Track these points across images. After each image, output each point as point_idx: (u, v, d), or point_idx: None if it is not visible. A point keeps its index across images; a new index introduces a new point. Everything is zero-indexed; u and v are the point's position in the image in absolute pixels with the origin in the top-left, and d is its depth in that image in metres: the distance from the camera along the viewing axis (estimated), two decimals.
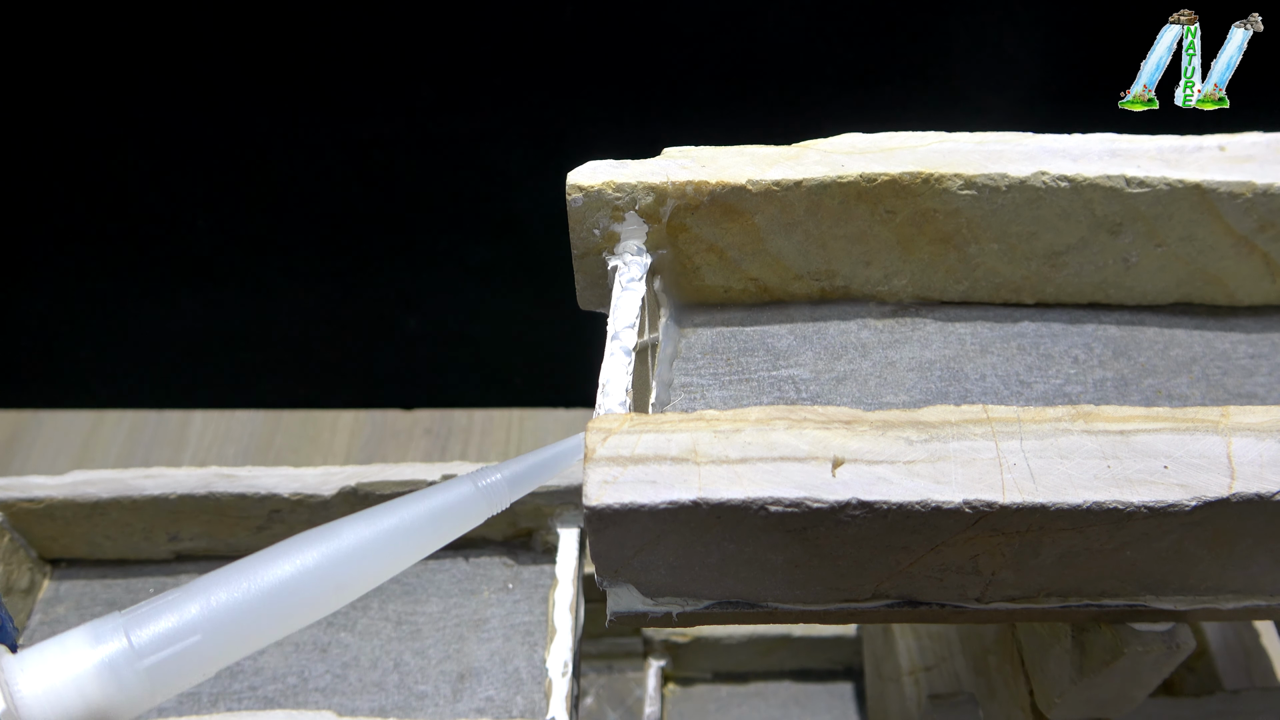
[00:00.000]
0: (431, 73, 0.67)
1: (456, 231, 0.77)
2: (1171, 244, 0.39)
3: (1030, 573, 0.32)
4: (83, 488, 0.48)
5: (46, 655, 0.27)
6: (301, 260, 0.78)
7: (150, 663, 0.27)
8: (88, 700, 0.27)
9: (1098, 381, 0.39)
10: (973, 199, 0.38)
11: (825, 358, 0.40)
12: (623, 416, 0.31)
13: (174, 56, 0.66)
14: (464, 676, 0.47)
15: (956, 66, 0.66)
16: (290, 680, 0.47)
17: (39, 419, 0.87)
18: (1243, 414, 0.31)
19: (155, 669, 0.27)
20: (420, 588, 0.50)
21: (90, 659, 0.27)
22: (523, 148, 0.71)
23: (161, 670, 0.27)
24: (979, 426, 0.31)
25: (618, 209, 0.38)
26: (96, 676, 0.27)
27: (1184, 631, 0.36)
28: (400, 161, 0.72)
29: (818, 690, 0.66)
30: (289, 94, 0.68)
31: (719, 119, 0.69)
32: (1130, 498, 0.29)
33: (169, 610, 0.28)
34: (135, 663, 0.27)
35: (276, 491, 0.48)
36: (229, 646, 0.28)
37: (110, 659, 0.27)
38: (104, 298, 0.81)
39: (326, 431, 0.86)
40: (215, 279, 0.80)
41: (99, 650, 0.27)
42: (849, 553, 0.31)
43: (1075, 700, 0.39)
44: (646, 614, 0.34)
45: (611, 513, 0.29)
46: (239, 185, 0.74)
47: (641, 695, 0.65)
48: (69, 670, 0.27)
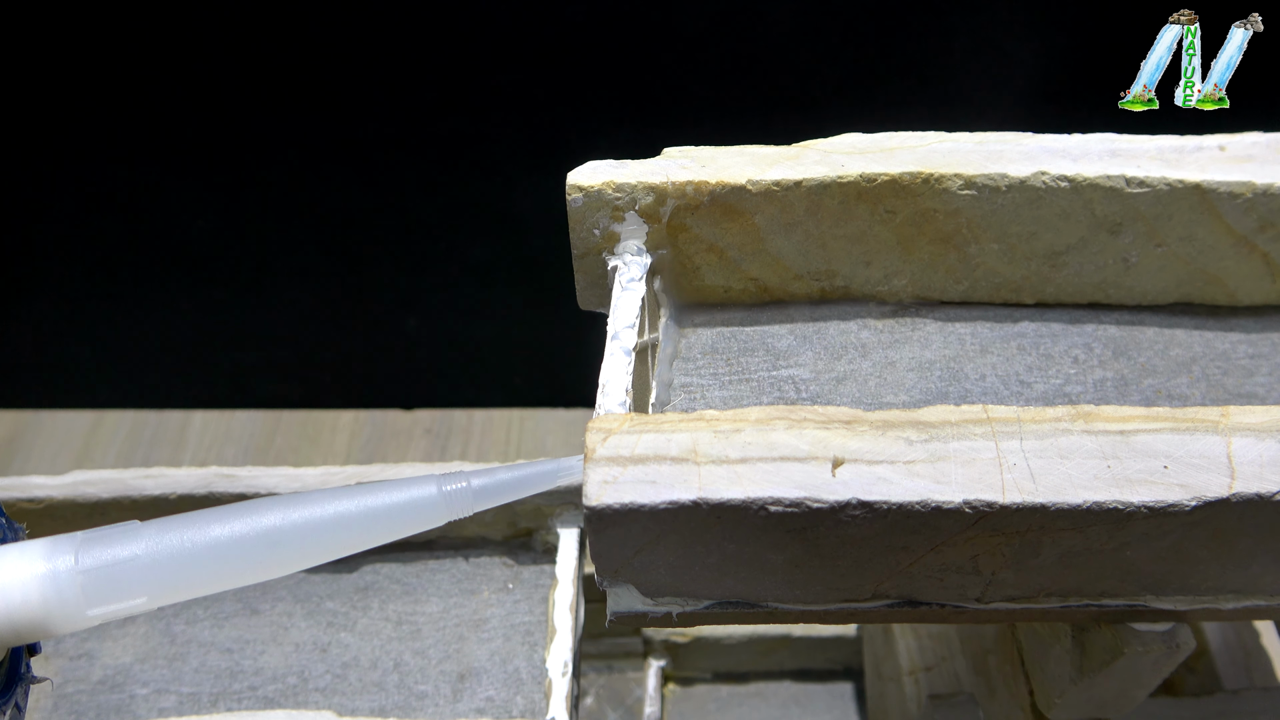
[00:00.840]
0: (431, 73, 0.67)
1: (456, 231, 0.77)
2: (1171, 244, 0.39)
3: (1030, 573, 0.32)
4: (83, 488, 0.48)
5: (5, 556, 0.30)
6: (301, 260, 0.78)
7: (90, 579, 0.30)
8: (28, 602, 0.29)
9: (1098, 381, 0.39)
10: (973, 199, 0.38)
11: (825, 358, 0.40)
12: (623, 416, 0.31)
13: (174, 57, 0.66)
14: (464, 676, 0.47)
15: (956, 66, 0.66)
16: (290, 680, 0.47)
17: (39, 419, 0.87)
18: (1243, 414, 0.31)
19: (92, 586, 0.30)
20: (420, 588, 0.50)
21: (39, 568, 0.29)
22: (523, 148, 0.71)
23: (98, 588, 0.30)
24: (979, 426, 0.31)
25: (618, 209, 0.38)
26: (39, 583, 0.29)
27: (1184, 631, 0.36)
28: (400, 162, 0.72)
29: (818, 690, 0.67)
30: (289, 94, 0.68)
31: (719, 119, 0.69)
32: (1130, 498, 0.29)
33: (121, 539, 0.30)
34: (76, 578, 0.29)
35: (276, 491, 0.48)
36: (168, 583, 0.30)
37: (54, 570, 0.29)
38: (104, 298, 0.81)
39: (326, 431, 0.86)
40: (215, 279, 0.80)
41: (50, 562, 0.30)
42: (849, 553, 0.31)
43: (1075, 700, 0.39)
44: (646, 614, 0.34)
45: (611, 513, 0.29)
46: (239, 185, 0.74)
47: (641, 695, 0.65)
48: (19, 574, 0.29)
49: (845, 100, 0.68)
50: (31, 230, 0.76)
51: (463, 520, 0.50)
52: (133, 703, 0.46)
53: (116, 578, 0.30)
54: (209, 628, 0.49)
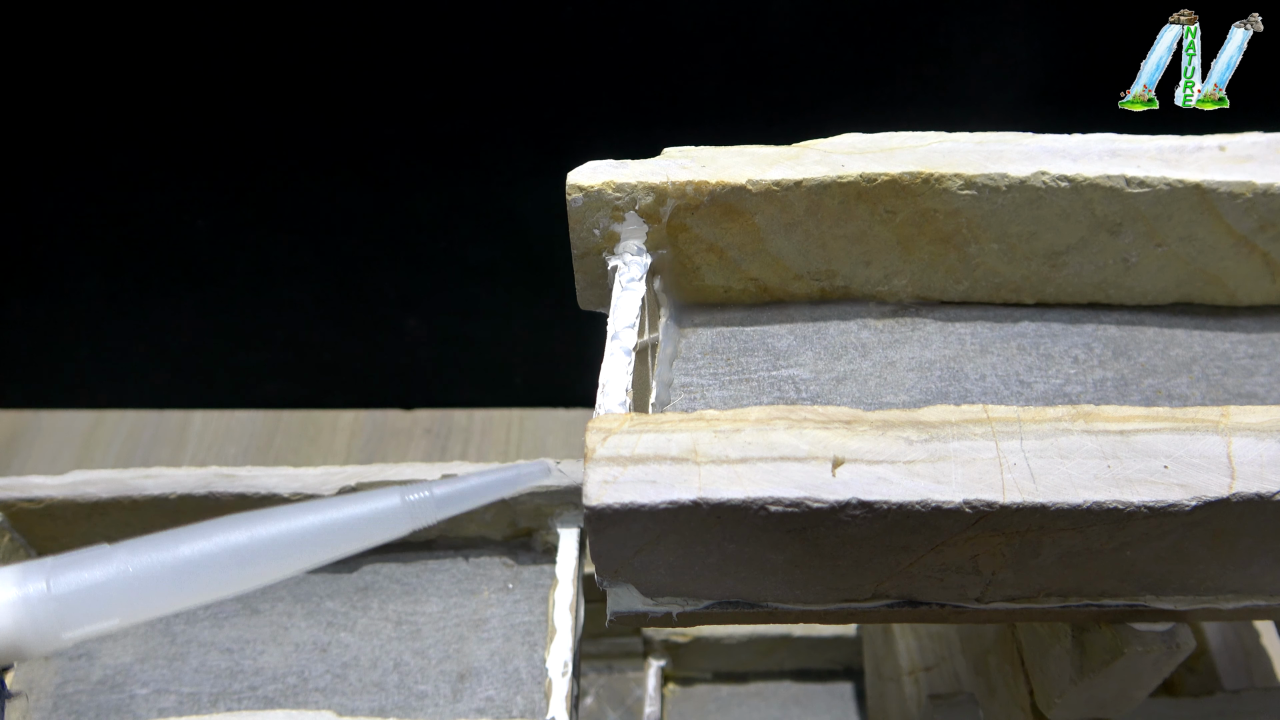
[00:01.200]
0: (431, 73, 0.67)
1: (456, 231, 0.77)
2: (1171, 244, 0.39)
3: (1030, 573, 0.32)
4: (83, 488, 0.48)
5: None
6: (301, 260, 0.78)
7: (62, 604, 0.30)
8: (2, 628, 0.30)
9: (1098, 381, 0.39)
10: (973, 199, 0.38)
11: (825, 358, 0.40)
12: (623, 416, 0.31)
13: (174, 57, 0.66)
14: (464, 676, 0.47)
15: (956, 66, 0.66)
16: (290, 680, 0.47)
17: (39, 419, 0.87)
18: (1243, 414, 0.31)
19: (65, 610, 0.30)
20: (420, 588, 0.50)
21: (11, 594, 0.30)
22: (523, 148, 0.71)
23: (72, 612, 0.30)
24: (979, 426, 0.31)
25: (618, 209, 0.38)
26: (12, 609, 0.30)
27: (1184, 631, 0.36)
28: (400, 162, 0.72)
29: (818, 690, 0.67)
30: (289, 94, 0.68)
31: (719, 119, 0.69)
32: (1130, 498, 0.29)
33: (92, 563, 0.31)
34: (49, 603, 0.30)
35: (276, 492, 0.48)
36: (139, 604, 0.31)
37: (26, 596, 0.30)
38: (104, 298, 0.81)
39: (326, 431, 0.86)
40: (215, 279, 0.80)
41: (22, 588, 0.30)
42: (849, 553, 0.31)
43: (1075, 700, 0.39)
44: (646, 614, 0.34)
45: (611, 513, 0.29)
46: (239, 186, 0.74)
47: (641, 695, 0.65)
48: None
49: (845, 100, 0.68)
50: (32, 230, 0.76)
51: (463, 520, 0.50)
52: (133, 703, 0.46)
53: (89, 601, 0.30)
54: (209, 628, 0.49)
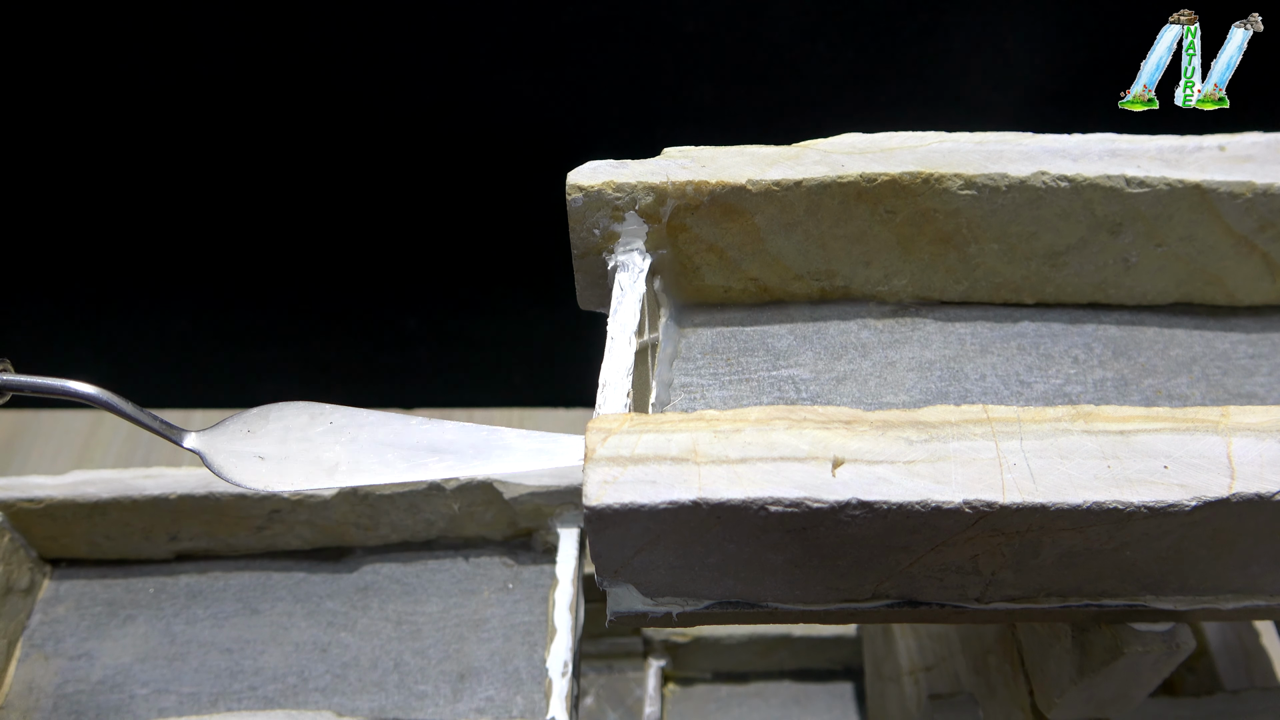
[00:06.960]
0: (431, 73, 0.67)
1: (456, 231, 0.77)
2: (1171, 244, 0.39)
3: (1030, 573, 0.32)
4: (83, 488, 0.48)
5: None
6: (301, 260, 0.78)
7: None
8: None
9: (1098, 381, 0.39)
10: (973, 199, 0.38)
11: (825, 358, 0.40)
12: (623, 416, 0.31)
13: (174, 56, 0.66)
14: (464, 676, 0.47)
15: (956, 66, 0.66)
16: (290, 680, 0.47)
17: (39, 419, 0.87)
18: (1243, 414, 0.31)
19: None
20: (420, 588, 0.50)
21: None
22: (523, 148, 0.71)
23: None
24: (979, 426, 0.31)
25: (618, 209, 0.38)
26: None
27: (1184, 631, 0.36)
28: (400, 161, 0.72)
29: (818, 690, 0.67)
30: (289, 94, 0.68)
31: (719, 119, 0.69)
32: (1130, 498, 0.29)
33: None
34: None
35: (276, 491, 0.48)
36: None
37: None
38: (104, 297, 0.81)
39: None
40: (215, 279, 0.80)
41: None
42: (849, 553, 0.31)
43: (1075, 700, 0.39)
44: (646, 614, 0.34)
45: (611, 513, 0.29)
46: (239, 184, 0.74)
47: (641, 695, 0.65)
48: None
49: (845, 100, 0.68)
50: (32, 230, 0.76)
51: (462, 520, 0.50)
52: (133, 703, 0.46)
53: None
54: (209, 628, 0.49)
